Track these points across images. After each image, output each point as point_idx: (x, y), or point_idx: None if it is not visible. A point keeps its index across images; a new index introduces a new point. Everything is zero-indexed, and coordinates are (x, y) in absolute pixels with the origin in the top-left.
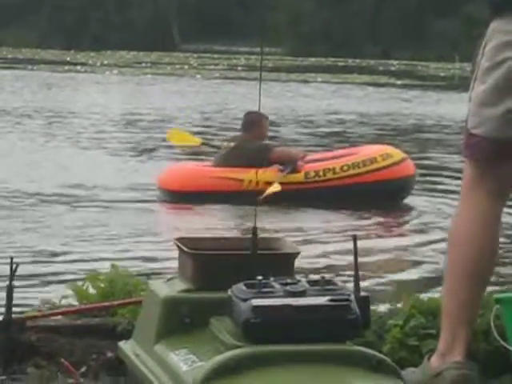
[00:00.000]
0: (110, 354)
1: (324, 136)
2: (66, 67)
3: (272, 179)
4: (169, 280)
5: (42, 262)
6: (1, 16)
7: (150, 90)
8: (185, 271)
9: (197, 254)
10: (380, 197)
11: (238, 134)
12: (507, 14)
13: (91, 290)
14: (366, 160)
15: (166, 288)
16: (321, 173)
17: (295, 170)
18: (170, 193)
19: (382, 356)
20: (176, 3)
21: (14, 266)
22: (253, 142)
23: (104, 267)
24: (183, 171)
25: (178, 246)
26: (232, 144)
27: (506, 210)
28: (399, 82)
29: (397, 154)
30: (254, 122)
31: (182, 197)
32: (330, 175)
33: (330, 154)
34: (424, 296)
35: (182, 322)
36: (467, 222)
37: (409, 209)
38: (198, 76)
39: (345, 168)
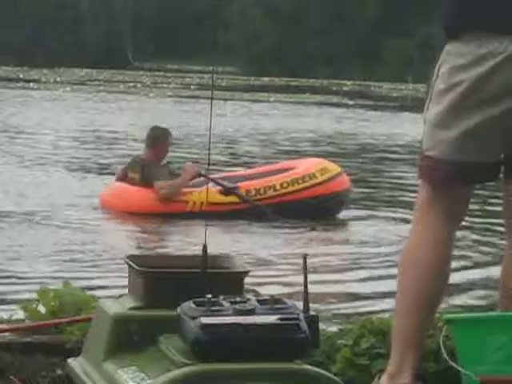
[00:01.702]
0: (59, 372)
1: (278, 153)
2: (19, 84)
3: (215, 200)
4: (118, 297)
5: None
6: None
7: (103, 108)
8: (134, 289)
9: (146, 271)
10: (318, 212)
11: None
12: (462, 36)
13: (41, 308)
14: (305, 176)
15: (115, 305)
16: (261, 191)
17: (233, 191)
18: (114, 213)
19: (330, 375)
20: (130, 21)
21: None
22: (154, 165)
23: (54, 284)
24: (124, 193)
25: (128, 264)
26: (135, 163)
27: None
28: (352, 102)
29: (333, 168)
30: (158, 138)
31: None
32: (270, 192)
33: (268, 168)
34: (374, 316)
35: (131, 339)
36: (419, 242)
37: (353, 223)
38: (151, 94)
39: (284, 185)
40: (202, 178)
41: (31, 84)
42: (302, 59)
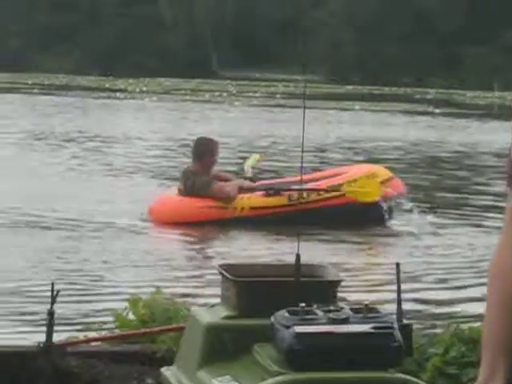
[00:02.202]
0: (149, 381)
1: (366, 161)
2: (105, 94)
3: (257, 204)
4: (211, 307)
5: (82, 287)
6: (39, 41)
7: (190, 117)
8: (227, 298)
9: (240, 280)
10: (363, 217)
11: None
12: None
13: (131, 316)
14: (350, 181)
15: (208, 315)
16: (304, 194)
17: (278, 193)
18: (161, 224)
19: None
20: (213, 30)
21: (55, 292)
22: (199, 175)
23: (144, 293)
24: (169, 203)
25: (221, 273)
26: (184, 174)
27: None
28: (438, 110)
29: (384, 173)
30: (205, 150)
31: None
32: (313, 197)
33: (318, 175)
34: (465, 325)
35: (225, 348)
36: (506, 253)
37: (442, 231)
38: (237, 103)
39: (328, 190)
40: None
41: (117, 94)
42: (384, 66)
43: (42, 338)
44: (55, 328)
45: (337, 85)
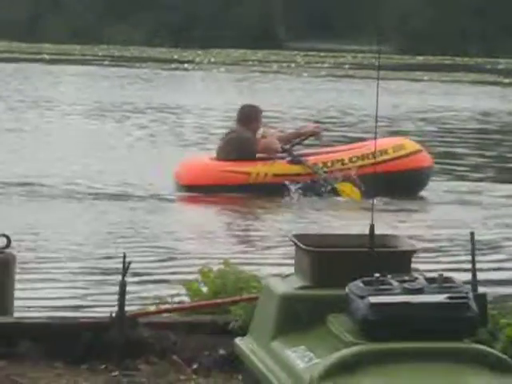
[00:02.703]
0: (221, 352)
1: (440, 131)
2: (173, 65)
3: (281, 171)
4: (285, 277)
5: (153, 259)
6: (109, 14)
7: (258, 88)
8: (301, 268)
9: (314, 251)
10: (393, 188)
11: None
12: None
13: (203, 288)
14: (376, 152)
15: (282, 285)
16: (329, 163)
17: (300, 161)
18: (181, 186)
19: (500, 354)
20: (281, 2)
21: (126, 263)
22: (239, 135)
23: (214, 264)
24: (192, 166)
25: (295, 243)
26: (225, 137)
27: None
28: (507, 81)
29: (411, 145)
30: (250, 116)
31: (191, 190)
32: (338, 166)
33: (345, 147)
34: None
35: (299, 318)
36: None
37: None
38: (305, 74)
39: (353, 159)
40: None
41: (186, 65)
42: (456, 37)
43: (114, 309)
44: (127, 299)
45: (406, 55)
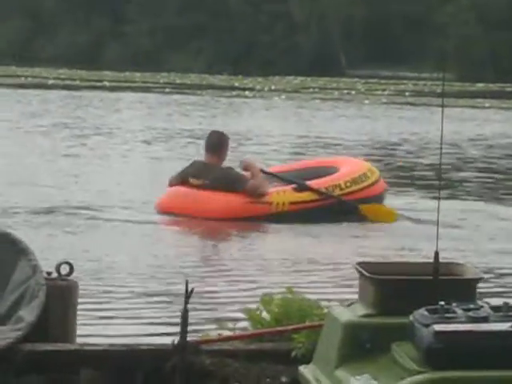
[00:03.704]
0: (284, 379)
1: (501, 158)
2: (234, 92)
3: (297, 199)
4: (349, 305)
5: (215, 285)
6: (170, 42)
7: (319, 115)
8: (365, 296)
9: (378, 278)
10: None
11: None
12: None
13: (264, 314)
14: (361, 176)
15: (346, 313)
16: (330, 189)
17: (307, 187)
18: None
19: None
20: (342, 29)
21: (189, 290)
22: (226, 169)
23: (276, 291)
24: (205, 198)
25: (359, 271)
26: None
27: None
28: None
29: (373, 169)
30: (222, 143)
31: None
32: (337, 191)
33: (312, 163)
34: None
35: (363, 347)
36: None
37: None
38: (366, 101)
39: (348, 184)
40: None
41: (246, 92)
42: None
43: (176, 336)
44: (189, 326)
45: (467, 82)
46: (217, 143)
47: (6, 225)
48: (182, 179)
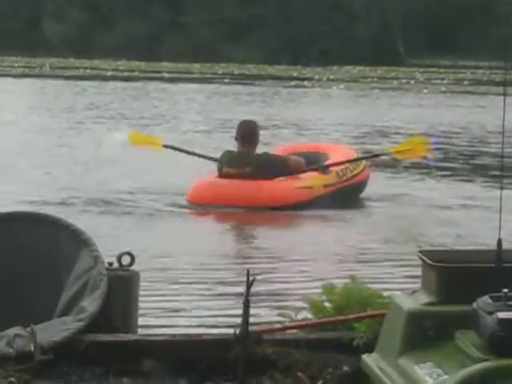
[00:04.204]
0: (346, 368)
1: None
2: (293, 83)
3: (327, 181)
4: (412, 293)
5: (276, 275)
6: (229, 33)
7: (379, 104)
8: (429, 284)
9: (441, 266)
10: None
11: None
12: None
13: (326, 303)
14: (356, 159)
15: (409, 301)
16: (343, 172)
17: (326, 170)
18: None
19: None
20: (401, 17)
21: (250, 280)
22: (265, 154)
23: (337, 280)
24: (250, 186)
25: (422, 259)
26: (251, 157)
27: None
28: None
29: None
30: (255, 131)
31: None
32: (349, 174)
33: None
34: None
35: (427, 335)
36: None
37: None
38: (425, 90)
39: (352, 168)
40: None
41: (305, 82)
42: None
43: (238, 326)
44: (250, 315)
45: None
46: (250, 132)
47: (66, 215)
48: (218, 169)
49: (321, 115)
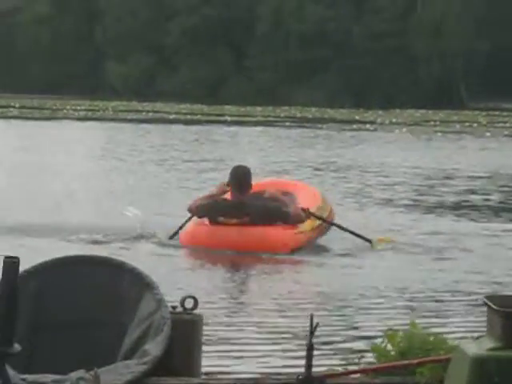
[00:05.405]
0: None
1: None
2: (355, 126)
3: (311, 225)
4: (477, 338)
5: (339, 318)
6: (292, 76)
7: (442, 148)
8: (493, 329)
9: (506, 311)
10: None
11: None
12: None
13: (389, 348)
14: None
15: (474, 346)
16: (320, 212)
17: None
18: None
19: None
20: (463, 61)
21: (314, 324)
22: (269, 201)
23: (399, 323)
24: (261, 232)
25: (487, 304)
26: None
27: None
28: None
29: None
30: (249, 177)
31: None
32: (325, 214)
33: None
34: None
35: (492, 380)
36: None
37: None
38: (488, 134)
39: (325, 207)
40: None
41: (367, 125)
42: None
43: (302, 370)
44: (313, 359)
45: None
46: (245, 179)
47: (130, 257)
48: (209, 218)
49: (384, 158)
